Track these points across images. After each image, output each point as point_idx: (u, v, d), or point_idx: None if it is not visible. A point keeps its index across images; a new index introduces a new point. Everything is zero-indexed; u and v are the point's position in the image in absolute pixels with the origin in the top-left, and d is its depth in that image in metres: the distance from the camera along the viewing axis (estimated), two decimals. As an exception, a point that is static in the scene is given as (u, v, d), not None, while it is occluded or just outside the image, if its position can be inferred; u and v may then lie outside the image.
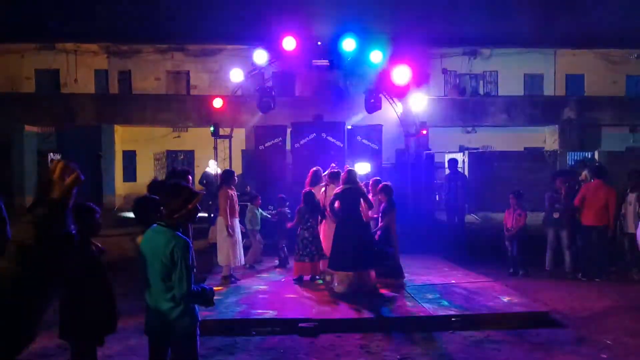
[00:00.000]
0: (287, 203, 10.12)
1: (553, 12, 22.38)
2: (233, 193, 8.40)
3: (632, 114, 22.77)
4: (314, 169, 9.04)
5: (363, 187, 8.00)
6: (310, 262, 8.20)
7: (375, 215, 8.36)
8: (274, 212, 10.43)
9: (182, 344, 3.56)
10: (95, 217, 3.83)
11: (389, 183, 8.38)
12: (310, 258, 8.18)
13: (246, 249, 9.39)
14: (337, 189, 7.77)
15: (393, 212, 8.03)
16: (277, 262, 9.66)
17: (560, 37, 22.58)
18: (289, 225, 9.05)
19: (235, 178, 8.64)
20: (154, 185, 5.56)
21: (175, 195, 3.49)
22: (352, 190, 7.59)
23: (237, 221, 8.54)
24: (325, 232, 8.23)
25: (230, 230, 8.19)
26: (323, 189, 8.61)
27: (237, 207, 8.56)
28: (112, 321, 3.80)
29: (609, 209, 8.74)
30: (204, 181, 15.73)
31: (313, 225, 8.29)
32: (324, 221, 8.31)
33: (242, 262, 8.69)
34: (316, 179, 8.83)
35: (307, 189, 8.49)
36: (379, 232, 8.10)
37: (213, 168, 15.30)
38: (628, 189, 8.92)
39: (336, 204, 7.65)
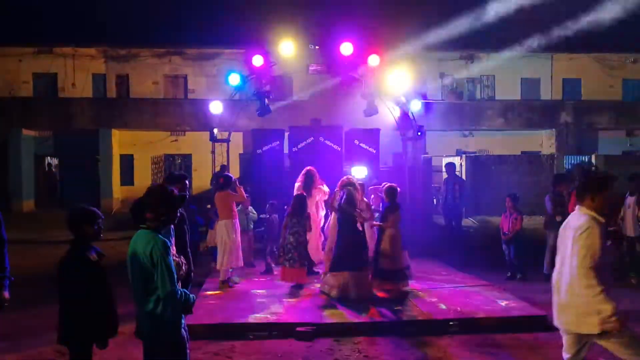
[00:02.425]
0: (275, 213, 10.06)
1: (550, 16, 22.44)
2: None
3: (628, 118, 22.87)
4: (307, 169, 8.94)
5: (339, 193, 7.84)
6: (290, 267, 7.91)
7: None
8: (264, 216, 10.31)
9: (169, 348, 3.58)
10: (97, 222, 3.87)
11: (394, 185, 8.19)
12: (290, 264, 7.90)
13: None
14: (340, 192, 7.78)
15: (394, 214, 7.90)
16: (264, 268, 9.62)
17: (557, 41, 22.65)
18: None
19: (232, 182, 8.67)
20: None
21: (153, 199, 3.59)
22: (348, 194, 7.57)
23: (237, 223, 8.57)
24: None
25: (233, 232, 8.25)
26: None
27: (235, 210, 8.62)
28: (113, 325, 3.82)
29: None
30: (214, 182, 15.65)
31: (299, 231, 8.03)
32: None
33: (241, 264, 8.69)
34: (310, 182, 8.79)
35: (299, 192, 8.39)
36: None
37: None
38: (627, 192, 8.92)
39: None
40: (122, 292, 3.84)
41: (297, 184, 9.01)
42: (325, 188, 9.05)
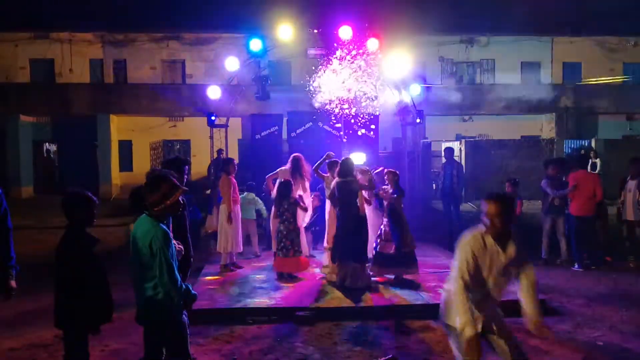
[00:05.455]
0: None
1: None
2: (234, 181, 8.45)
3: (629, 102, 22.77)
4: (294, 155, 8.85)
5: (360, 178, 7.67)
6: (284, 257, 7.75)
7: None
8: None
9: (169, 332, 3.59)
10: (91, 207, 3.80)
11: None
12: (284, 253, 7.75)
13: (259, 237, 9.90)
14: (334, 182, 7.56)
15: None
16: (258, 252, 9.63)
17: (557, 24, 22.51)
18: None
19: (235, 166, 8.61)
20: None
21: (154, 189, 3.49)
22: (348, 182, 7.36)
23: (238, 209, 8.55)
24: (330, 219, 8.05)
25: (231, 217, 8.24)
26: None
27: (238, 195, 8.60)
28: (108, 311, 3.80)
29: (597, 198, 8.67)
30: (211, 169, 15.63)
31: (289, 218, 7.86)
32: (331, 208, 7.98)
33: (241, 249, 8.70)
34: (297, 169, 8.70)
35: (284, 179, 8.28)
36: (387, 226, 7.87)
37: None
38: (628, 176, 8.88)
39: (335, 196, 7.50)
40: (122, 278, 3.81)
41: (283, 169, 8.92)
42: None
